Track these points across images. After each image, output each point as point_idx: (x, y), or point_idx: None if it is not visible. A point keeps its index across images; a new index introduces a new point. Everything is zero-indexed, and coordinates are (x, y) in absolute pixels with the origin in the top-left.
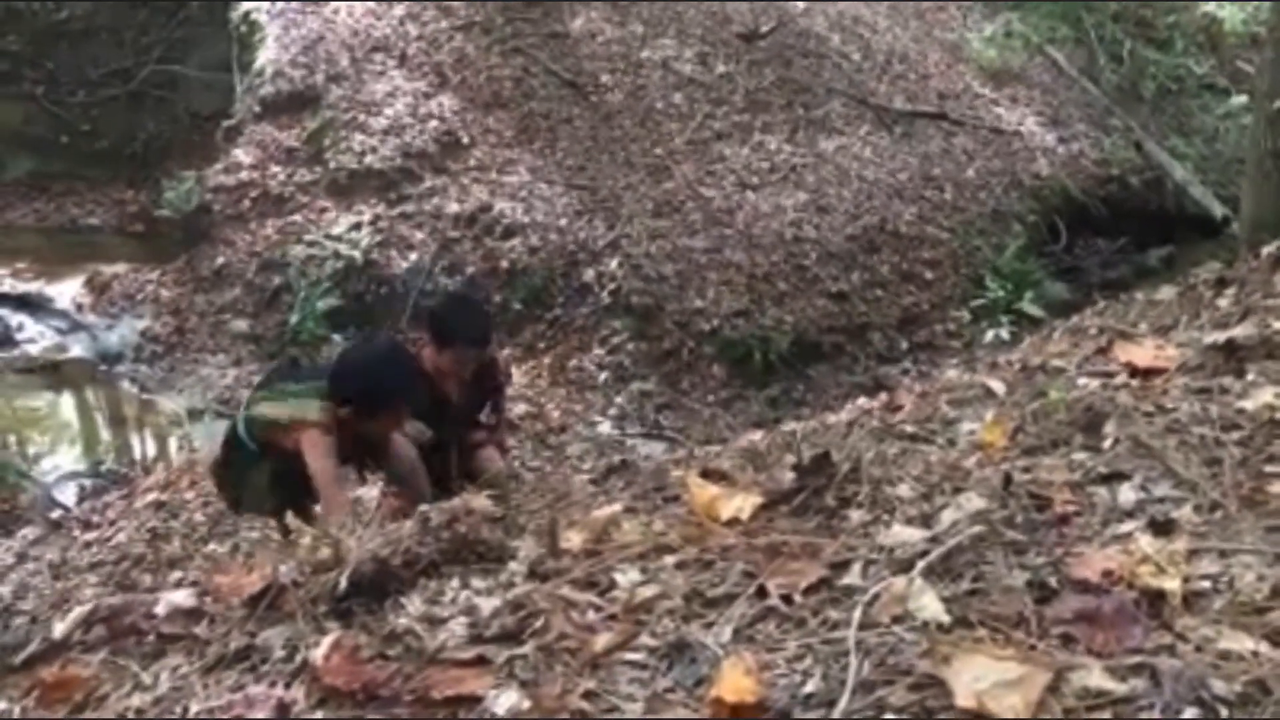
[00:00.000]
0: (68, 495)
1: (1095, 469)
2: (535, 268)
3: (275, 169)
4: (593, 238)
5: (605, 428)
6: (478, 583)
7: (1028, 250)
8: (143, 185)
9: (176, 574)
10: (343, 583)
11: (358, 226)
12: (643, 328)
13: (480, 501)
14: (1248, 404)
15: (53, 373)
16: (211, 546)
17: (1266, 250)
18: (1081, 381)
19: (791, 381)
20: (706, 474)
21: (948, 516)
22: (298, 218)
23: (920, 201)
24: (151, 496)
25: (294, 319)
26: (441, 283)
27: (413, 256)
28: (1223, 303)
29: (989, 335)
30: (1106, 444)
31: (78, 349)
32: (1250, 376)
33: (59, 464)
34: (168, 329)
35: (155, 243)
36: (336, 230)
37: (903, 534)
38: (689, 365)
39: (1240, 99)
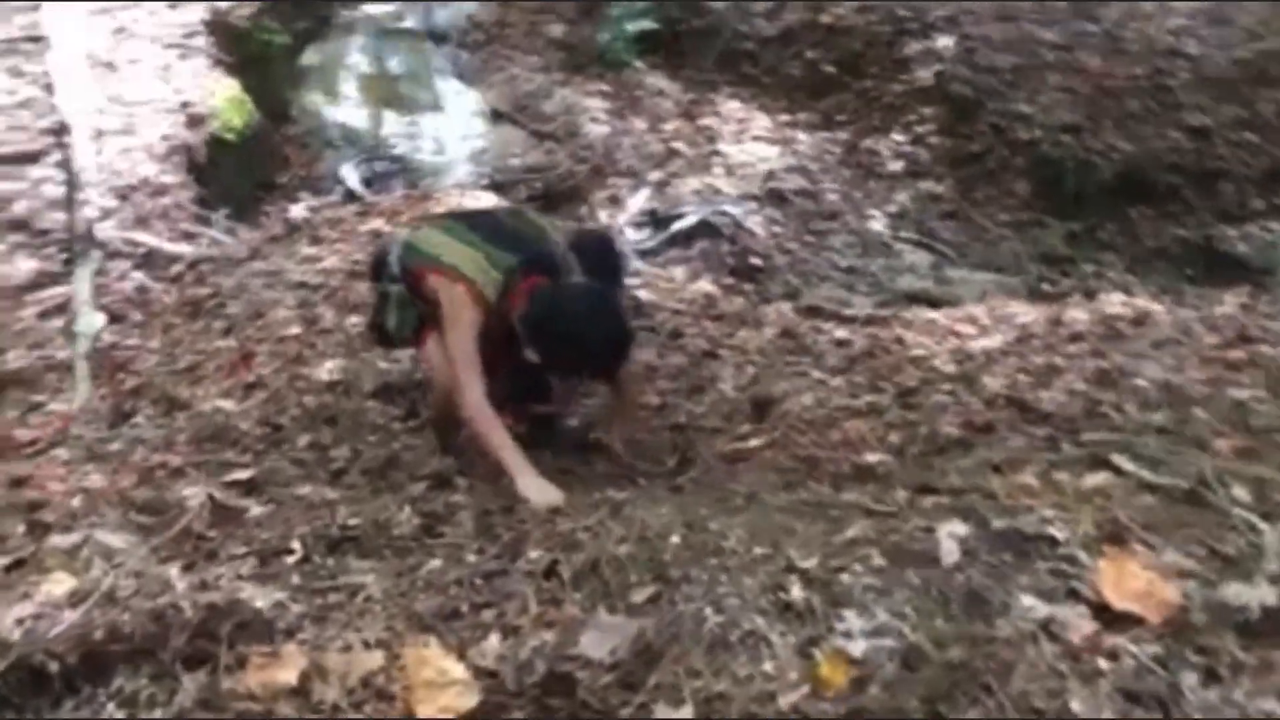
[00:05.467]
0: (353, 178)
1: None
2: (859, 29)
3: None
4: (931, 7)
5: (877, 224)
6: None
7: None
8: None
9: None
10: None
11: None
12: (954, 122)
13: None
14: None
15: (390, 37)
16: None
17: None
18: None
19: (1102, 219)
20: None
21: None
22: None
23: None
24: (373, 224)
25: (603, 35)
26: (758, 26)
27: None
28: None
29: None
30: None
31: (411, 20)
32: None
33: (360, 139)
34: (491, 18)
35: None
36: None
37: None
38: (991, 175)
39: None
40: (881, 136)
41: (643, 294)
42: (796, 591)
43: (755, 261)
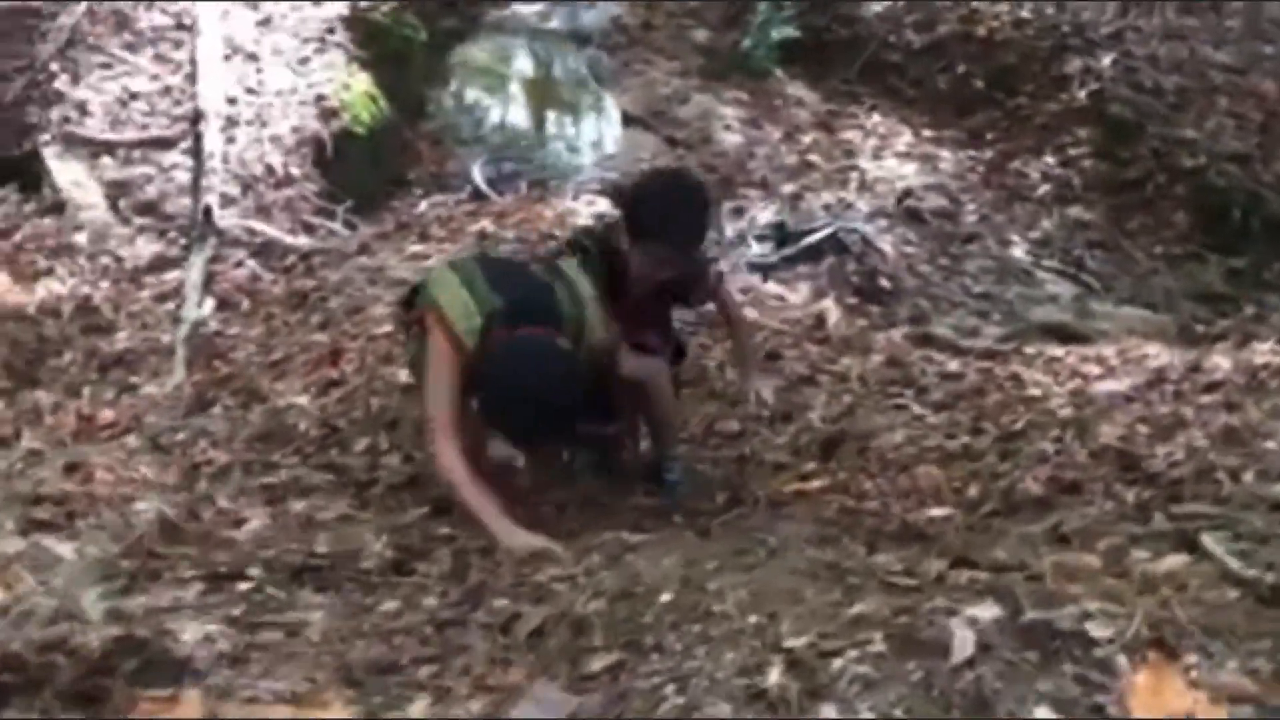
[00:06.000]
0: (481, 177)
1: None
2: (1015, 43)
3: None
4: (1094, 23)
5: (1019, 250)
6: None
7: None
8: None
9: None
10: None
11: None
12: (1111, 145)
13: None
14: None
15: (535, 37)
16: None
17: None
18: None
19: (1269, 257)
20: None
21: None
22: None
23: None
24: (481, 225)
25: (746, 42)
26: (907, 37)
27: (888, 1)
28: None
29: None
30: None
31: (557, 20)
32: None
33: (491, 139)
34: (637, 21)
35: None
36: None
37: None
38: (1147, 204)
39: None
40: (1031, 157)
41: (747, 311)
42: (775, 676)
43: (883, 283)
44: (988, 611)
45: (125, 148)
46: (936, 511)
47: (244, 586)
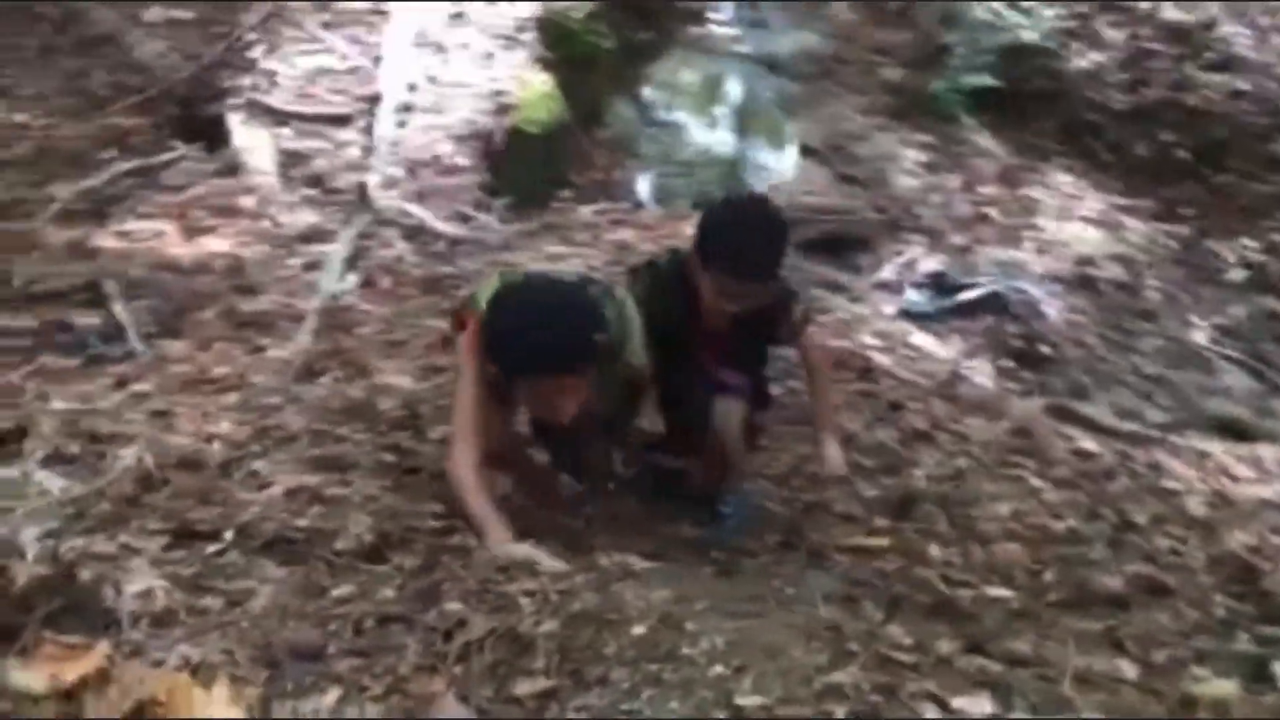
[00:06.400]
0: (645, 189)
1: None
2: (1227, 116)
3: None
4: None
5: (1200, 335)
6: None
7: None
8: None
9: None
10: None
11: (1052, 4)
12: None
13: None
14: None
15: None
16: None
17: None
18: None
19: None
20: None
21: None
22: None
23: None
24: (623, 235)
25: (937, 85)
26: (1111, 98)
27: (1096, 58)
28: None
29: None
30: None
31: (748, 45)
32: None
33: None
34: (829, 52)
35: None
36: (1028, 1)
37: None
38: None
39: None
40: (1228, 238)
41: (879, 357)
42: None
43: (1043, 349)
44: (978, 706)
45: (304, 120)
46: (993, 591)
47: (210, 548)
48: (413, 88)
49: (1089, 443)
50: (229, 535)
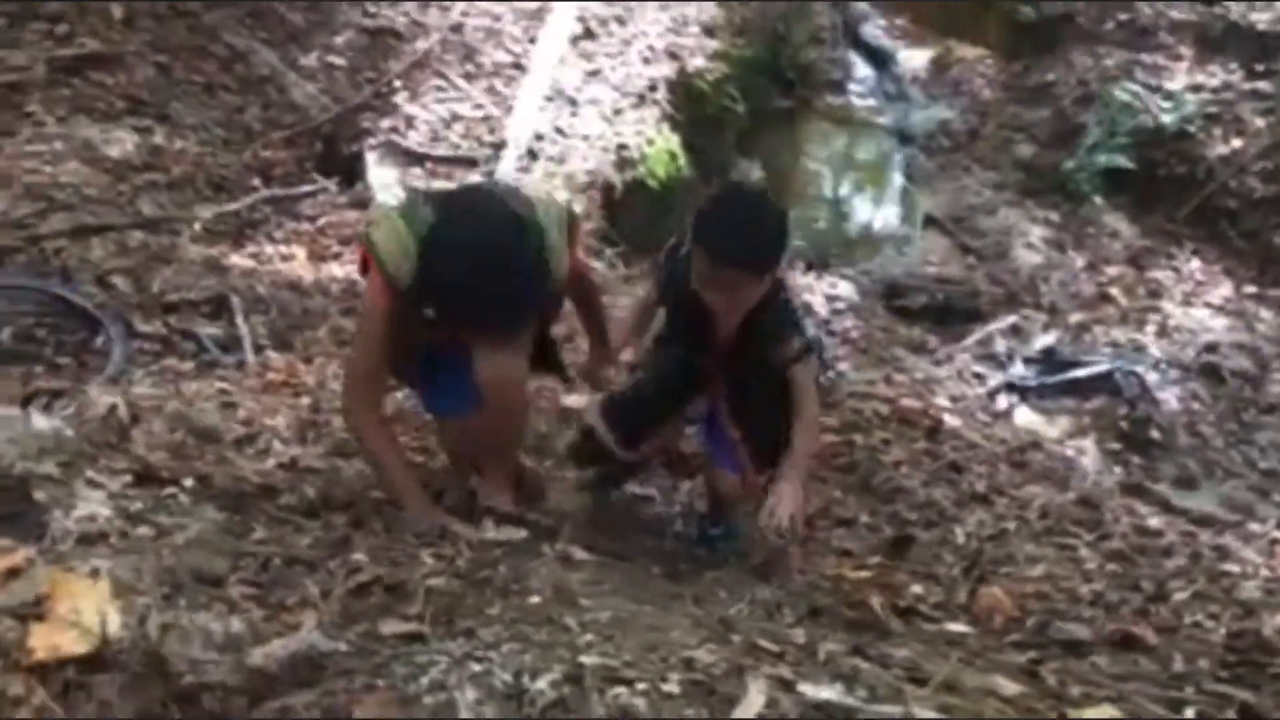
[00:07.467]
0: None
1: None
2: None
3: None
4: None
5: None
6: None
7: None
8: None
9: None
10: None
11: (1195, 89)
12: None
13: None
14: None
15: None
16: None
17: None
18: None
19: None
20: None
21: None
22: (1143, 56)
23: None
24: None
25: (1069, 164)
26: (1249, 185)
27: (1236, 144)
28: None
29: None
30: None
31: (885, 119)
32: None
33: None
34: (965, 127)
35: (1011, 38)
36: (1171, 85)
37: None
38: None
39: None
40: None
41: (950, 419)
42: (543, 683)
43: (1154, 434)
44: (821, 692)
45: (434, 162)
46: (952, 626)
47: (166, 491)
48: (540, 137)
49: (1154, 520)
50: (188, 483)
